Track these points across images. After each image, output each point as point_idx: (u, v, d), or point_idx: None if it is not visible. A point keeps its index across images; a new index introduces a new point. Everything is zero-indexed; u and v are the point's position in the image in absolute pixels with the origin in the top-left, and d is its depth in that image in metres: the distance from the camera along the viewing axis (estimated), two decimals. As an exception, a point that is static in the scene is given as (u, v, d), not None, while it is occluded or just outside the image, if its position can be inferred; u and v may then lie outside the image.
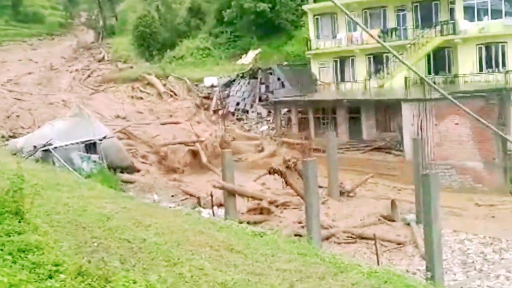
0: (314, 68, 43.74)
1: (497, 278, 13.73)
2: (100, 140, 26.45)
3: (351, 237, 17.66)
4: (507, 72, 33.66)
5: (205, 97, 45.73)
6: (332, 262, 8.88)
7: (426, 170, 12.94)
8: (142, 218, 10.04)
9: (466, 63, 36.73)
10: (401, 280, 8.60)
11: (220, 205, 20.43)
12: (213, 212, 19.32)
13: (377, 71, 40.47)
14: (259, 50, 51.26)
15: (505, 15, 35.85)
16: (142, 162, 28.79)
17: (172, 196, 23.68)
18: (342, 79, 42.81)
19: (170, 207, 17.76)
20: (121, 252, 7.38)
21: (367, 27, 41.28)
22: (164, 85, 47.95)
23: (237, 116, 43.61)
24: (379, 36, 40.37)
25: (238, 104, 44.60)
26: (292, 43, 50.76)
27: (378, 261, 13.95)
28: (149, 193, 23.48)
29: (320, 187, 21.20)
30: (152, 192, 23.89)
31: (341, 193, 22.74)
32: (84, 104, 38.26)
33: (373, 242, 15.13)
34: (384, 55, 39.23)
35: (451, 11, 37.40)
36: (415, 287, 8.06)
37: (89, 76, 54.78)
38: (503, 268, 14.39)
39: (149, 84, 48.74)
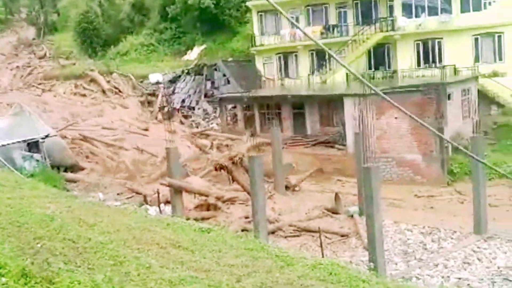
0: (259, 64, 43.97)
1: (436, 266, 14.18)
2: (43, 138, 25.76)
3: (297, 230, 17.89)
4: (443, 67, 34.74)
5: (150, 94, 45.20)
6: (278, 256, 8.95)
7: (367, 163, 13.22)
8: (86, 218, 9.86)
9: (405, 59, 37.73)
10: (345, 271, 8.76)
11: (167, 202, 20.26)
12: (159, 209, 19.15)
13: (320, 66, 41.03)
14: (204, 46, 51.03)
15: (441, 12, 37.00)
16: (88, 161, 28.21)
17: (118, 194, 23.30)
18: (286, 75, 43.23)
19: (115, 206, 17.49)
20: (65, 252, 7.23)
21: (310, 24, 41.87)
22: (108, 81, 47.07)
23: (183, 113, 43.30)
24: (321, 33, 40.97)
25: (183, 101, 44.30)
26: (237, 39, 50.76)
27: (322, 253, 14.18)
28: (94, 192, 23.03)
29: (267, 182, 21.38)
30: (97, 190, 23.46)
31: (287, 188, 22.95)
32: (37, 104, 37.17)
33: (318, 234, 15.36)
34: (327, 51, 39.70)
35: (390, 8, 38.32)
36: (358, 278, 8.21)
37: (30, 73, 53.15)
38: (442, 257, 14.87)
39: (93, 81, 47.73)
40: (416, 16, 37.65)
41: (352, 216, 18.90)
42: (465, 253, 14.95)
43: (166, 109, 39.47)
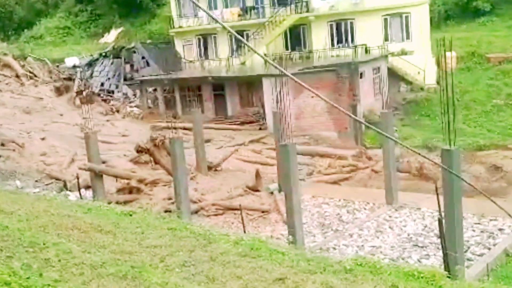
0: (178, 46, 43.47)
1: (351, 236, 14.74)
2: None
3: (219, 209, 18.04)
4: (355, 47, 35.74)
5: (66, 78, 43.63)
6: (201, 234, 9.04)
7: (285, 141, 13.49)
8: (3, 206, 9.53)
9: (320, 39, 38.48)
10: (265, 246, 8.97)
11: (88, 187, 19.83)
12: (80, 194, 18.72)
13: (239, 48, 41.10)
14: (121, 28, 49.85)
15: (353, -6, 37.93)
16: (3, 149, 26.97)
17: (36, 181, 22.52)
18: (206, 57, 43.02)
19: (34, 193, 16.95)
20: (-19, 242, 6.99)
21: (227, 6, 41.76)
22: (23, 66, 45.05)
23: (102, 97, 42.20)
24: (239, 15, 40.98)
25: (102, 84, 43.15)
26: (156, 21, 49.91)
27: (244, 230, 14.40)
28: (10, 180, 22.16)
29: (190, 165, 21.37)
30: (14, 178, 22.57)
31: (209, 168, 23.02)
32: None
33: (239, 212, 15.57)
34: (245, 32, 39.88)
35: (305, -11, 38.85)
36: (278, 251, 8.44)
37: None
38: (356, 227, 15.47)
39: (6, 65, 45.51)
40: (329, -2, 38.44)
41: (272, 193, 19.26)
42: (378, 223, 15.63)
43: (84, 93, 38.31)
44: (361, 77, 32.03)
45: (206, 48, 43.04)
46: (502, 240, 13.32)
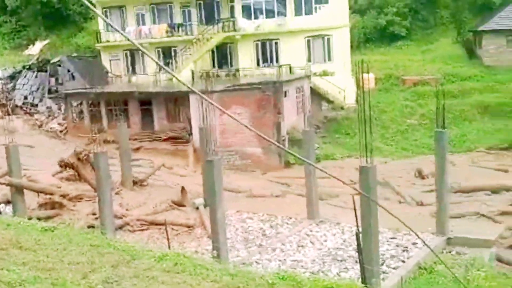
0: (105, 60, 42.65)
1: (274, 250, 14.90)
2: None
3: (144, 224, 17.76)
4: (280, 66, 36.40)
5: (-13, 91, 41.67)
6: (125, 250, 8.85)
7: (210, 157, 13.51)
8: None
9: (246, 58, 38.93)
10: (190, 261, 8.90)
11: (8, 202, 18.97)
12: (-1, 209, 17.88)
13: (166, 64, 40.85)
14: (47, 41, 48.29)
15: (278, 15, 38.69)
16: None
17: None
18: (134, 72, 42.45)
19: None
20: None
21: (156, 22, 41.49)
22: None
23: (25, 110, 40.61)
24: (167, 31, 40.79)
25: (26, 97, 41.54)
26: (83, 35, 48.74)
27: (169, 245, 14.24)
28: None
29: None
30: None
31: (135, 183, 22.63)
32: None
33: (164, 227, 15.38)
34: (173, 48, 39.71)
35: (232, 9, 39.24)
36: (202, 266, 8.41)
37: None
38: (279, 242, 15.65)
39: None
40: (255, 18, 38.99)
41: (197, 208, 19.17)
42: (300, 237, 15.88)
43: (6, 106, 36.73)
44: (285, 96, 32.61)
45: (133, 63, 42.48)
46: (415, 253, 13.87)
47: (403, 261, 13.41)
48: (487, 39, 43.40)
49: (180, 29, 40.87)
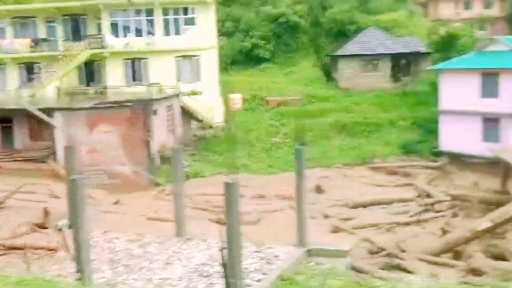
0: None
1: (141, 270, 14.51)
2: None
3: (1, 249, 16.48)
4: (150, 85, 36.00)
5: None
6: (-23, 278, 8.15)
7: (76, 176, 12.89)
8: None
9: (115, 76, 38.03)
10: (51, 284, 8.43)
11: None
12: None
13: (30, 80, 38.70)
14: None
15: (147, 34, 38.33)
16: None
17: None
18: (-7, 87, 39.66)
19: None
20: None
21: (19, 36, 39.19)
22: None
23: None
24: (31, 46, 38.70)
25: None
26: None
27: (29, 269, 13.34)
28: None
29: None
30: None
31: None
32: None
33: (24, 251, 14.38)
34: (37, 64, 37.70)
35: (99, 26, 38.23)
36: (63, 289, 7.98)
37: None
38: (147, 260, 15.28)
39: None
40: (124, 36, 38.28)
41: (60, 229, 18.17)
42: (167, 255, 15.61)
43: None
44: (155, 114, 32.23)
45: (-7, 79, 39.72)
46: (277, 266, 14.22)
47: (266, 274, 13.68)
48: (342, 63, 46.34)
49: (44, 44, 38.94)
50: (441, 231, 20.54)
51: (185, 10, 38.10)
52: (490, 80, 35.92)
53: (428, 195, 27.10)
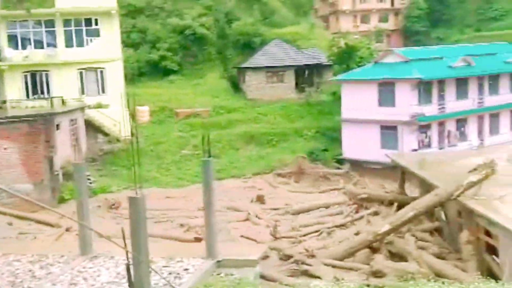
0: None
1: (43, 291, 13.85)
2: None
3: None
4: (51, 98, 34.48)
5: None
6: None
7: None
8: None
9: (14, 89, 36.17)
10: None
11: None
12: None
13: None
14: None
15: (47, 46, 36.79)
16: None
17: None
18: None
19: None
20: None
21: None
22: None
23: None
24: None
25: None
26: None
27: None
28: None
29: None
30: None
31: None
32: None
33: None
34: None
35: (-4, 38, 36.29)
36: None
37: None
38: (49, 282, 14.58)
39: None
40: (23, 48, 36.53)
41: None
42: (72, 275, 14.98)
43: None
44: (57, 129, 30.92)
45: None
46: (187, 279, 14.06)
47: (176, 288, 13.50)
48: (249, 75, 46.98)
49: None
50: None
51: (88, 21, 36.98)
52: (386, 90, 37.82)
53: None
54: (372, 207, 26.24)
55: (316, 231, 23.48)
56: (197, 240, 20.83)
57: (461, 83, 39.27)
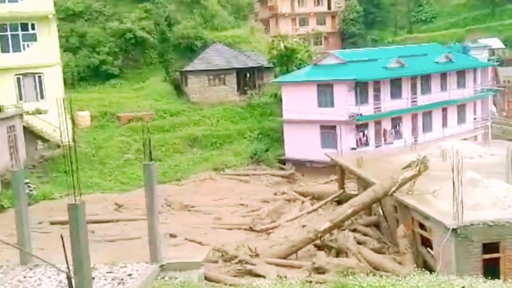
0: None
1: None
2: None
3: None
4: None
5: None
6: None
7: None
8: None
9: None
10: None
11: None
12: None
13: None
14: None
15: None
16: None
17: None
18: None
19: None
20: None
21: None
22: None
23: None
24: None
25: None
26: None
27: None
28: None
29: None
30: None
31: None
32: None
33: None
34: None
35: None
36: None
37: None
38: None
39: None
40: None
41: None
42: (12, 285, 14.47)
43: None
44: (-6, 136, 29.75)
45: None
46: (131, 284, 13.85)
47: (120, 294, 13.27)
48: (191, 78, 46.69)
49: None
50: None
51: (25, 26, 35.68)
52: (325, 91, 38.49)
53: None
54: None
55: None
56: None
57: (395, 84, 40.43)
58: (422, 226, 17.77)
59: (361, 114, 37.58)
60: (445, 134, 41.64)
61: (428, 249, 17.64)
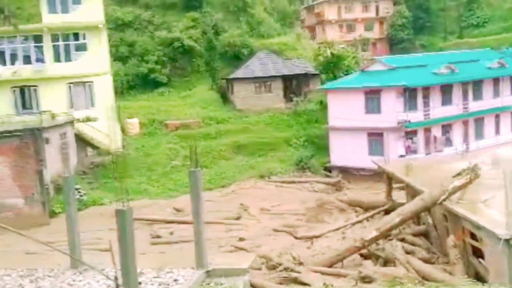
0: None
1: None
2: None
3: None
4: (40, 113, 34.30)
5: None
6: None
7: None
8: None
9: (3, 105, 36.00)
10: None
11: None
12: None
13: None
14: None
15: (36, 61, 36.65)
16: None
17: None
18: None
19: None
20: None
21: None
22: None
23: None
24: None
25: None
26: None
27: None
28: None
29: None
30: None
31: None
32: None
33: None
34: None
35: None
36: None
37: None
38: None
39: None
40: (11, 64, 36.40)
41: None
42: (63, 288, 14.93)
43: None
44: (47, 143, 30.76)
45: None
46: (177, 289, 14.04)
47: (166, 299, 13.46)
48: (237, 86, 47.01)
49: None
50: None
51: (76, 36, 36.89)
52: (373, 98, 38.03)
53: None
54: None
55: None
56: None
57: (446, 90, 39.56)
58: (473, 236, 17.26)
59: (409, 121, 36.92)
60: (498, 142, 40.38)
61: (480, 259, 17.11)
